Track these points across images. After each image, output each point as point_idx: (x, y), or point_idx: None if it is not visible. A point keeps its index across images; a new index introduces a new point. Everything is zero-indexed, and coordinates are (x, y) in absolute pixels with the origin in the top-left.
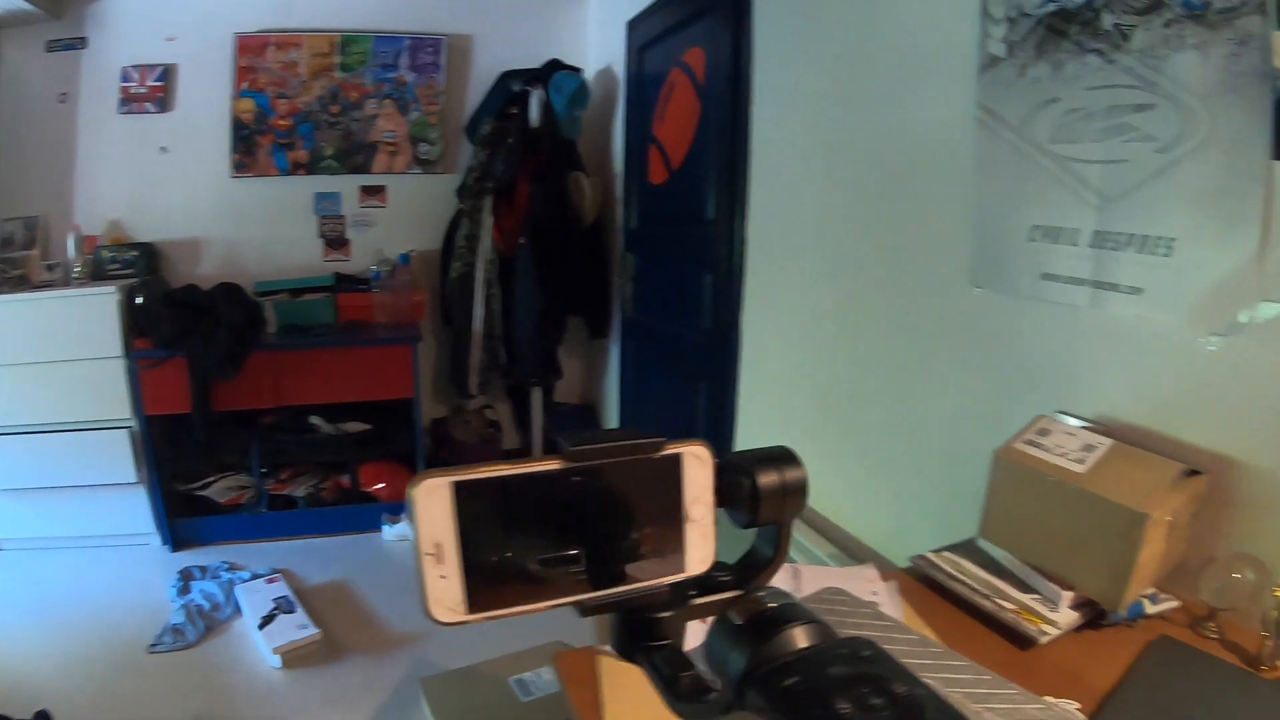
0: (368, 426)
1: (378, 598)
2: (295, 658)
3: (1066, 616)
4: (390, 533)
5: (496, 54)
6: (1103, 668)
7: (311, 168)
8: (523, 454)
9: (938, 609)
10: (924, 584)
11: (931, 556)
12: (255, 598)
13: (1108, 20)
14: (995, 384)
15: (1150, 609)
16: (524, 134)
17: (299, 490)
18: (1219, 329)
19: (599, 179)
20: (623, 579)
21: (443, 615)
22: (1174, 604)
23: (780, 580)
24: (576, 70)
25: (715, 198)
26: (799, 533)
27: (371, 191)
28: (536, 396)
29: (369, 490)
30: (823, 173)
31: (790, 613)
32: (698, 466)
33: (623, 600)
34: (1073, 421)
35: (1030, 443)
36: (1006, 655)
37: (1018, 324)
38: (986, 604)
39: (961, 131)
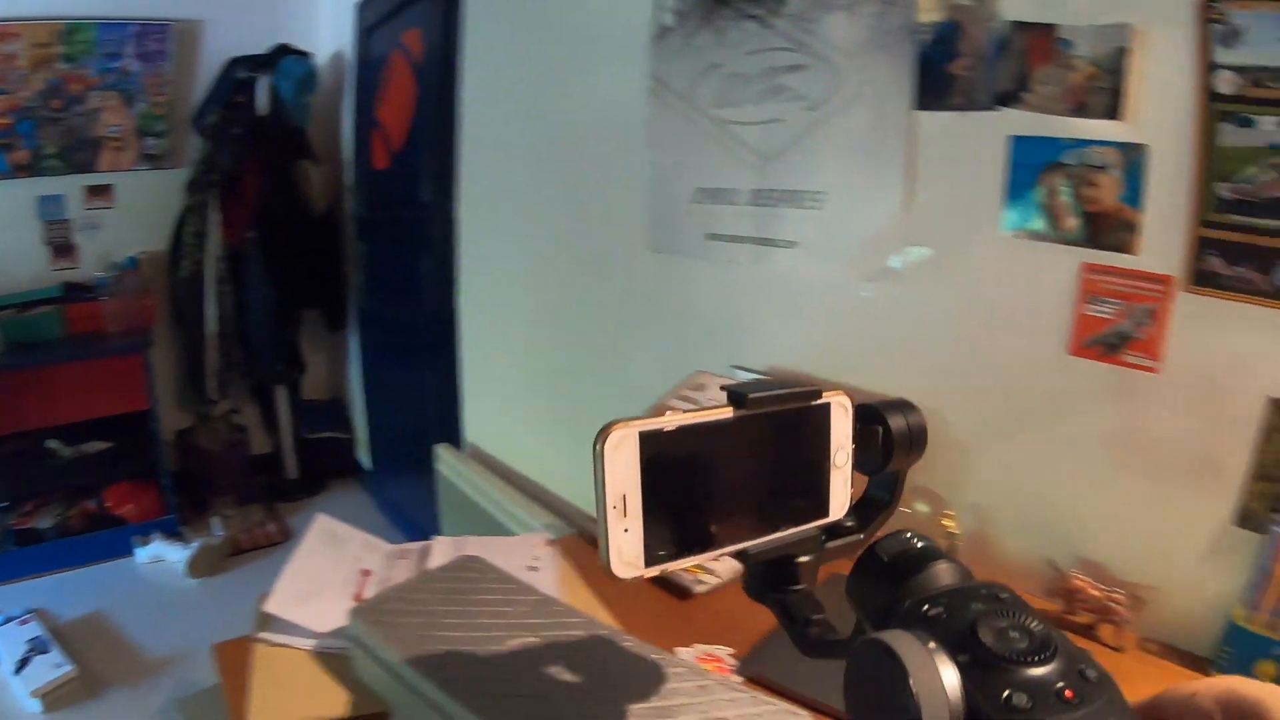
0: (109, 445)
1: (135, 625)
2: (56, 699)
3: (729, 564)
4: (144, 554)
5: (228, 40)
6: (761, 608)
7: (34, 169)
8: (273, 458)
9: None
10: (593, 545)
11: None
12: (7, 642)
13: None
14: (677, 344)
15: None
16: (250, 123)
17: (44, 521)
18: (871, 275)
19: (329, 166)
20: (781, 524)
21: (622, 571)
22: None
23: (444, 551)
24: (305, 55)
25: (430, 180)
26: (516, 505)
27: (98, 191)
28: (281, 395)
29: (117, 513)
30: (524, 150)
31: (934, 552)
32: (842, 415)
33: (780, 545)
34: (744, 375)
35: (684, 398)
36: (666, 607)
37: (691, 285)
38: None
39: (637, 101)
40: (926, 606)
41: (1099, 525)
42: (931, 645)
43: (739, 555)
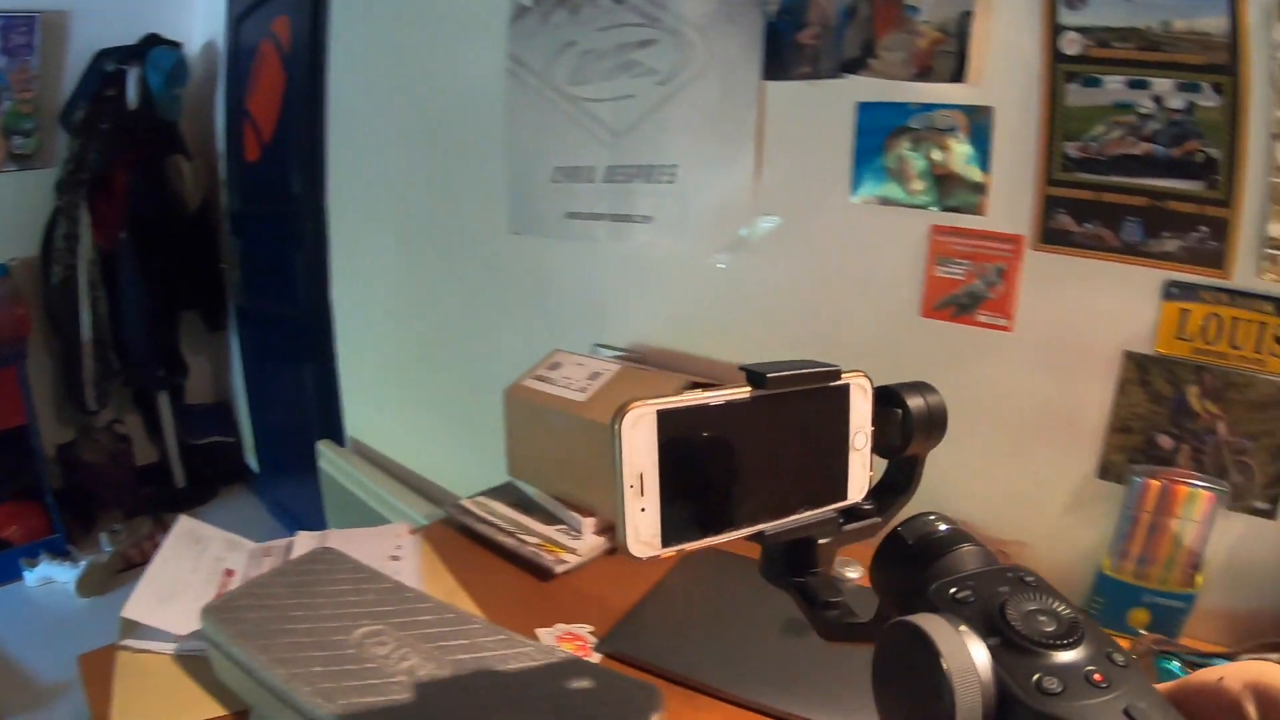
0: None
1: (29, 651)
2: None
3: (591, 542)
4: (32, 577)
5: (96, 31)
6: (626, 585)
7: None
8: (160, 468)
9: (470, 554)
10: (460, 531)
11: (465, 502)
12: None
13: None
14: (543, 324)
15: None
16: (120, 118)
17: None
18: (725, 246)
19: (202, 161)
20: (799, 507)
21: (639, 550)
22: None
23: (306, 546)
24: (176, 45)
25: (300, 171)
26: (397, 497)
27: None
28: (164, 402)
29: (2, 536)
30: (391, 136)
31: (958, 535)
32: (861, 397)
33: (798, 528)
34: (607, 353)
35: (539, 378)
36: (528, 589)
37: (552, 265)
38: (509, 541)
39: (497, 82)
40: (954, 590)
41: (964, 484)
42: (962, 628)
43: (756, 537)
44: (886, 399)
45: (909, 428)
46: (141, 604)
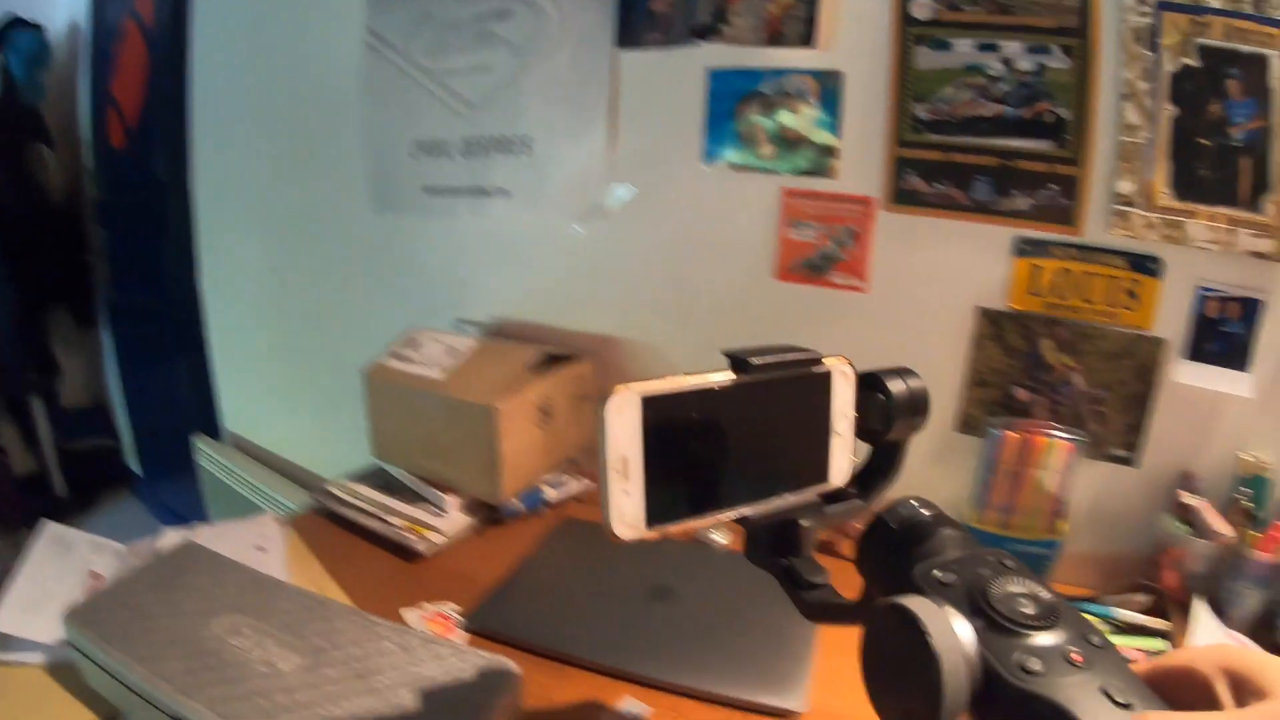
0: None
1: None
2: None
3: (456, 521)
4: None
5: None
6: (496, 563)
7: None
8: (39, 478)
9: (338, 540)
10: (327, 517)
11: (330, 487)
12: None
13: None
14: (406, 303)
15: (553, 495)
16: None
17: None
18: (583, 216)
19: (67, 149)
20: (782, 490)
21: (624, 532)
22: (587, 485)
23: (173, 542)
24: (37, 27)
25: (165, 157)
26: (276, 489)
27: None
28: (38, 406)
29: None
30: (256, 115)
31: (941, 519)
32: (843, 382)
33: (780, 511)
34: (470, 328)
35: (398, 356)
36: (395, 571)
37: (414, 242)
38: (374, 524)
39: (356, 58)
40: (938, 572)
41: None
42: (947, 608)
43: (740, 520)
44: (869, 384)
45: (891, 412)
46: (8, 616)
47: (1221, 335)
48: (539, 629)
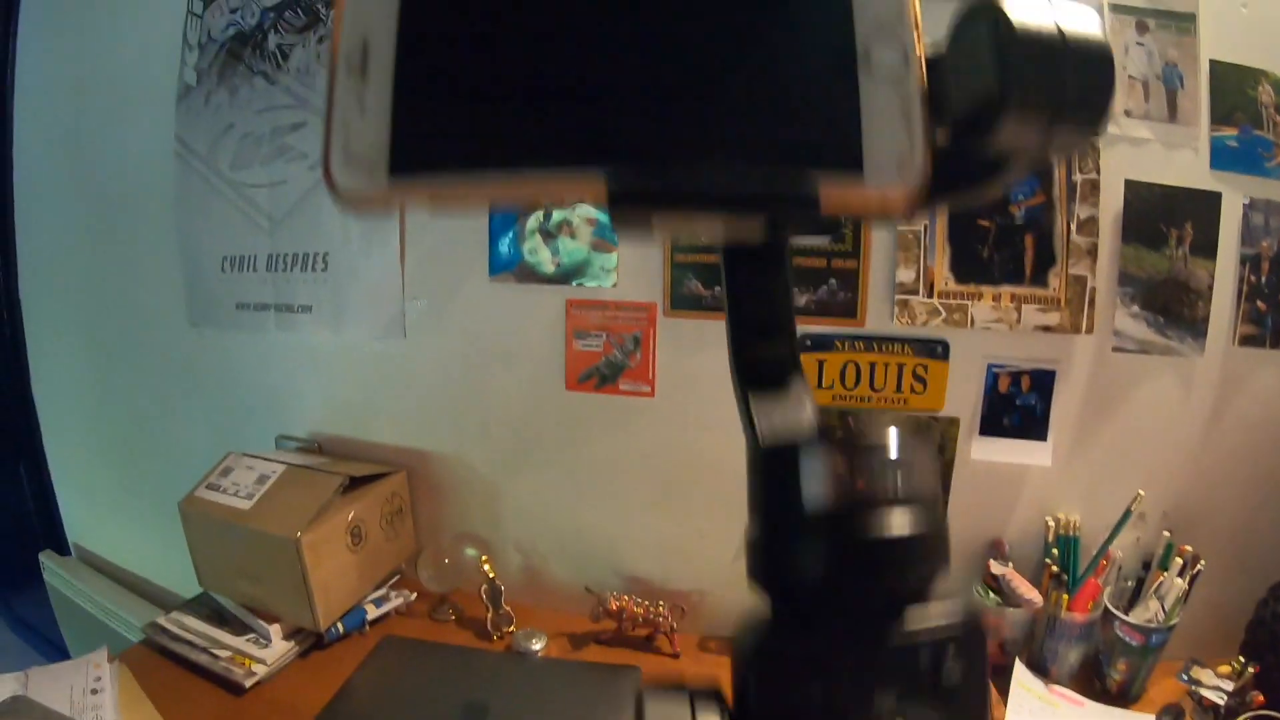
0: None
1: None
2: None
3: (280, 649)
4: None
5: None
6: (320, 688)
7: None
8: None
9: (168, 676)
10: (158, 652)
11: (161, 621)
12: None
13: (273, 41)
14: (225, 418)
15: (374, 613)
16: None
17: None
18: (380, 332)
19: None
20: (704, 152)
21: (348, 179)
22: (411, 598)
23: (6, 688)
24: None
25: None
26: (124, 608)
27: None
28: None
29: None
30: (76, 220)
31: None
32: None
33: (691, 194)
34: (290, 444)
35: (211, 486)
36: (223, 706)
37: (229, 356)
38: (202, 659)
39: (165, 164)
40: None
41: (633, 544)
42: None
43: (615, 196)
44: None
45: (1008, 58)
46: None
47: (1016, 409)
48: None
